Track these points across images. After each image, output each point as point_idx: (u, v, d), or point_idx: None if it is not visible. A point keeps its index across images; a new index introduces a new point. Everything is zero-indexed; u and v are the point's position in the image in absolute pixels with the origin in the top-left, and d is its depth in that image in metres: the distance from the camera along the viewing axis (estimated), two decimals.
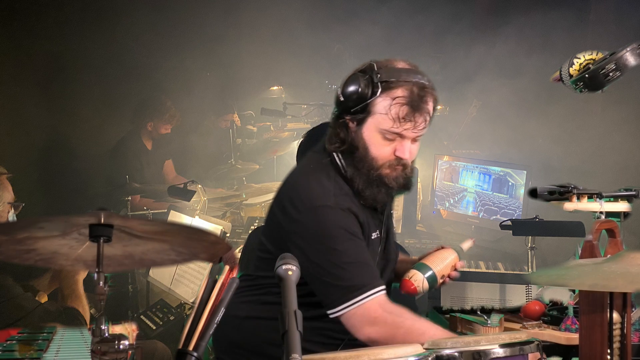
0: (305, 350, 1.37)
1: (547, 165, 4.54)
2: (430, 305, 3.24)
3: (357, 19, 5.94)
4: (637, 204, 2.22)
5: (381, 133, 2.01)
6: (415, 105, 1.97)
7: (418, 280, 2.09)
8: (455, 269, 2.21)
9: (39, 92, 5.19)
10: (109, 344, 1.39)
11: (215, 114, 5.86)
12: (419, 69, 2.05)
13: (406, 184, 2.09)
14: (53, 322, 2.79)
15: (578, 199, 2.15)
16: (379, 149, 2.03)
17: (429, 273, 2.12)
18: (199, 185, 4.57)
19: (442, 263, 2.18)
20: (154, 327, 4.01)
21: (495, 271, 3.79)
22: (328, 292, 1.95)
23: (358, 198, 2.05)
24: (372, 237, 2.10)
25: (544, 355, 1.75)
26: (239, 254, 2.77)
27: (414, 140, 2.04)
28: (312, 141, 2.79)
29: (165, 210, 4.56)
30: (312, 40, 6.02)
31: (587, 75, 2.07)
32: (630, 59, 2.02)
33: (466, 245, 2.30)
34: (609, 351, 1.80)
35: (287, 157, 5.64)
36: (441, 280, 2.16)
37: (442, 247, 2.24)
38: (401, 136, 2.01)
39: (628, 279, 1.54)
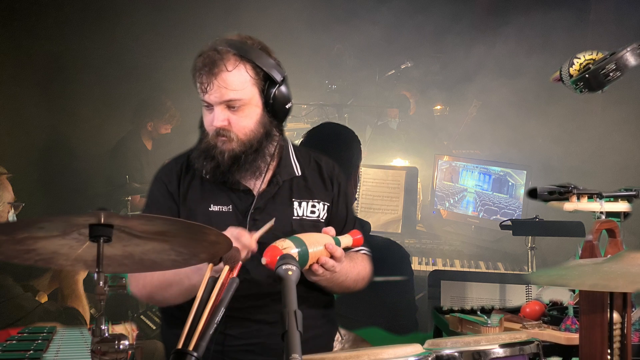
0: None
1: (547, 165, 4.54)
2: (430, 305, 3.24)
3: (357, 19, 5.94)
4: (637, 204, 2.21)
5: (202, 105, 2.06)
6: (206, 70, 1.99)
7: (288, 250, 1.79)
8: (332, 256, 1.92)
9: (39, 92, 5.20)
10: (109, 344, 1.39)
11: None
12: (231, 36, 2.05)
13: (233, 157, 2.02)
14: (53, 322, 2.80)
15: (578, 199, 2.15)
16: (205, 121, 2.08)
17: (303, 248, 1.82)
18: None
19: (319, 244, 1.88)
20: (154, 327, 4.02)
21: (495, 271, 3.79)
22: None
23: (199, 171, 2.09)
24: (212, 209, 2.08)
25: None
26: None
27: (228, 107, 2.01)
28: (312, 141, 2.80)
29: None
30: (312, 40, 6.01)
31: (587, 75, 2.07)
32: (630, 59, 2.02)
33: (345, 240, 2.00)
34: (609, 351, 1.80)
35: None
36: (309, 264, 1.87)
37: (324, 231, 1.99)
38: (209, 104, 2.03)
39: (628, 279, 1.54)
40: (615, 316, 1.82)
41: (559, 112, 4.82)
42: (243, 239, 1.87)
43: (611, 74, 2.03)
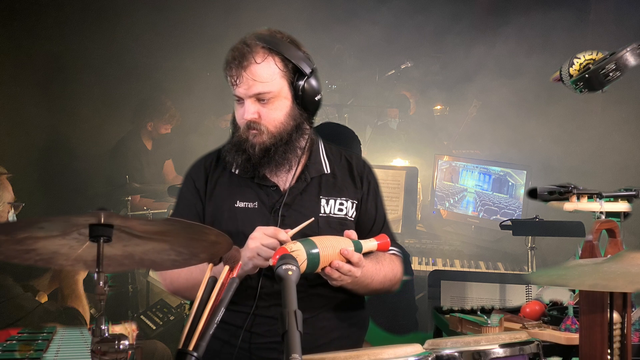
0: None
1: (547, 165, 4.54)
2: (430, 305, 3.24)
3: (357, 19, 5.95)
4: (637, 204, 2.22)
5: (234, 100, 2.08)
6: (236, 63, 2.01)
7: (299, 255, 1.77)
8: (348, 261, 1.89)
9: (39, 92, 5.20)
10: (109, 344, 1.39)
11: (215, 114, 5.86)
12: (261, 30, 2.07)
13: (264, 150, 2.03)
14: (53, 322, 2.80)
15: (578, 199, 2.15)
16: (236, 115, 2.10)
17: (314, 251, 1.81)
18: None
19: (333, 248, 1.86)
20: (154, 327, 4.02)
21: (495, 271, 3.79)
22: None
23: (229, 166, 2.12)
24: (238, 205, 2.09)
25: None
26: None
27: (258, 100, 2.03)
28: None
29: (165, 210, 4.57)
30: (312, 40, 6.00)
31: (587, 75, 2.07)
32: (630, 59, 2.02)
33: (369, 244, 1.98)
34: (609, 351, 1.80)
35: None
36: (322, 267, 1.85)
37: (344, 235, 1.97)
38: (240, 97, 2.05)
39: (628, 279, 1.54)
40: (615, 316, 1.82)
41: (559, 112, 4.82)
42: (280, 235, 1.88)
43: (611, 74, 2.03)
